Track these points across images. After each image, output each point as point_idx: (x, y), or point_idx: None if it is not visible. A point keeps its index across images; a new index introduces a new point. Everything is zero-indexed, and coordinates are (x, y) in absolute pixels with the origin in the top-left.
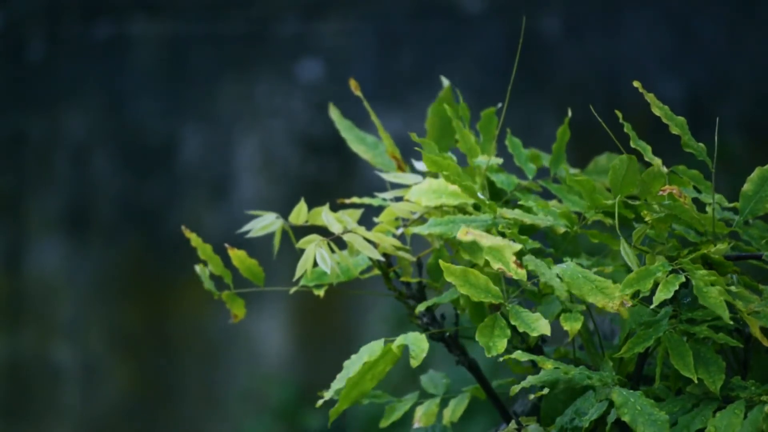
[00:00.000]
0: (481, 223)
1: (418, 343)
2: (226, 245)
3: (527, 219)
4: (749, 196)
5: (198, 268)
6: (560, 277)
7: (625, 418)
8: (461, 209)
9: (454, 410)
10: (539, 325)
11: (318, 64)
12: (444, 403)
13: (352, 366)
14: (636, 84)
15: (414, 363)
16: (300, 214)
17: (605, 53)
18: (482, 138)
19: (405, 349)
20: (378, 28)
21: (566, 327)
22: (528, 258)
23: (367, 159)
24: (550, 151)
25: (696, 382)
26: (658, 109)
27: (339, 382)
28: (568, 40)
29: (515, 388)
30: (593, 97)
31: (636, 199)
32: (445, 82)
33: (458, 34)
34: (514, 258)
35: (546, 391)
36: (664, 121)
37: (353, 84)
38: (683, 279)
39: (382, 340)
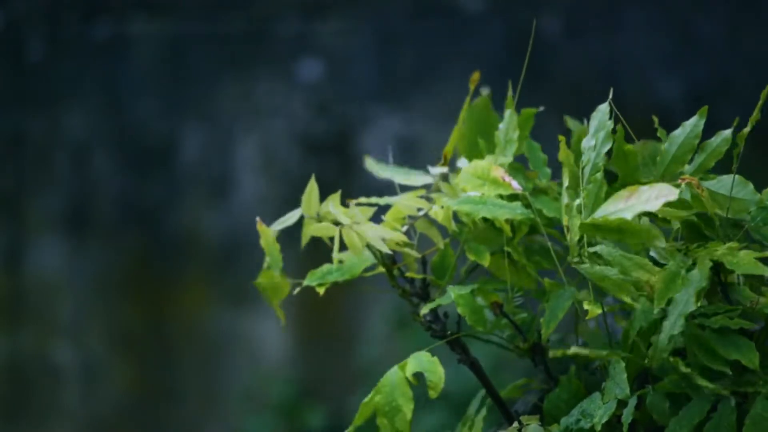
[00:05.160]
0: (509, 210)
1: (433, 370)
2: (257, 219)
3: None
4: (764, 206)
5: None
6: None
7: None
8: None
9: None
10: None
11: (318, 64)
12: None
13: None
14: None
15: (433, 394)
16: (311, 201)
17: (605, 53)
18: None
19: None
20: (378, 28)
21: (587, 307)
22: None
23: None
24: (551, 151)
25: (730, 373)
26: None
27: None
28: (569, 39)
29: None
30: (593, 97)
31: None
32: (485, 92)
33: (458, 33)
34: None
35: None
36: None
37: (475, 76)
38: (711, 263)
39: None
